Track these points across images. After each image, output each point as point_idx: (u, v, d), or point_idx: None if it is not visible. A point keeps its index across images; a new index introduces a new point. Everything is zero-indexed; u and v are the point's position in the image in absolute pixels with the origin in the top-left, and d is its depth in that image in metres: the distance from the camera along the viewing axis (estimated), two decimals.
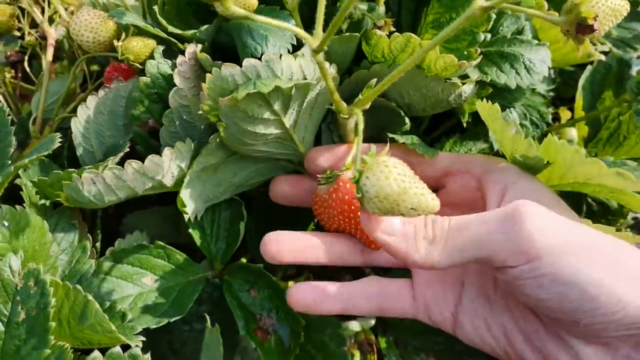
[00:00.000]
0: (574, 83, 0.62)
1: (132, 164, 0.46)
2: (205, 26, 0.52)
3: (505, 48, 0.54)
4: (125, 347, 0.40)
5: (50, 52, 0.58)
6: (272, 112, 0.45)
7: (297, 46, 0.50)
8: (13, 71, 0.66)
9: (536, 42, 0.54)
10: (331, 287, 0.49)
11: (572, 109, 0.65)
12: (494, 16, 0.53)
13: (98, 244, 0.54)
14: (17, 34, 0.64)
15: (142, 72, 0.56)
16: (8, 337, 0.38)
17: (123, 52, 0.54)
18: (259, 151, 0.50)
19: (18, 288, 0.38)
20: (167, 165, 0.48)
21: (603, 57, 0.60)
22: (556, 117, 0.68)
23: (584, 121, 0.60)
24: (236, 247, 0.57)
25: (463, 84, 0.51)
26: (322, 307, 0.48)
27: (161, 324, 0.52)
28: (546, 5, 0.53)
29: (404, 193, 0.38)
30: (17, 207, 0.43)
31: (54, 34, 0.59)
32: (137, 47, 0.54)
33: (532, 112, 0.60)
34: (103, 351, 0.39)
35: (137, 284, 0.53)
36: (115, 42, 0.54)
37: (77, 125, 0.54)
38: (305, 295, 0.48)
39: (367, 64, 0.52)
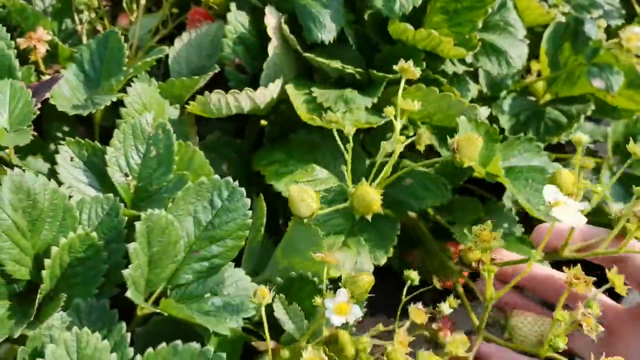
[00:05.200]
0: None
1: (248, 92, 0.62)
2: None
3: (495, 38, 0.71)
4: None
5: None
6: None
7: None
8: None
9: (519, 38, 0.72)
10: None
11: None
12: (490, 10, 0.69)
13: None
14: None
15: (218, 15, 0.75)
16: (144, 167, 0.55)
17: None
18: None
19: (151, 134, 0.55)
20: (270, 95, 0.65)
21: (564, 18, 0.79)
22: (528, 69, 0.87)
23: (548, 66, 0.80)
24: None
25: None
26: None
27: None
28: None
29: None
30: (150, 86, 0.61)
31: None
32: None
33: None
34: None
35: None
36: None
37: (173, 52, 0.72)
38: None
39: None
